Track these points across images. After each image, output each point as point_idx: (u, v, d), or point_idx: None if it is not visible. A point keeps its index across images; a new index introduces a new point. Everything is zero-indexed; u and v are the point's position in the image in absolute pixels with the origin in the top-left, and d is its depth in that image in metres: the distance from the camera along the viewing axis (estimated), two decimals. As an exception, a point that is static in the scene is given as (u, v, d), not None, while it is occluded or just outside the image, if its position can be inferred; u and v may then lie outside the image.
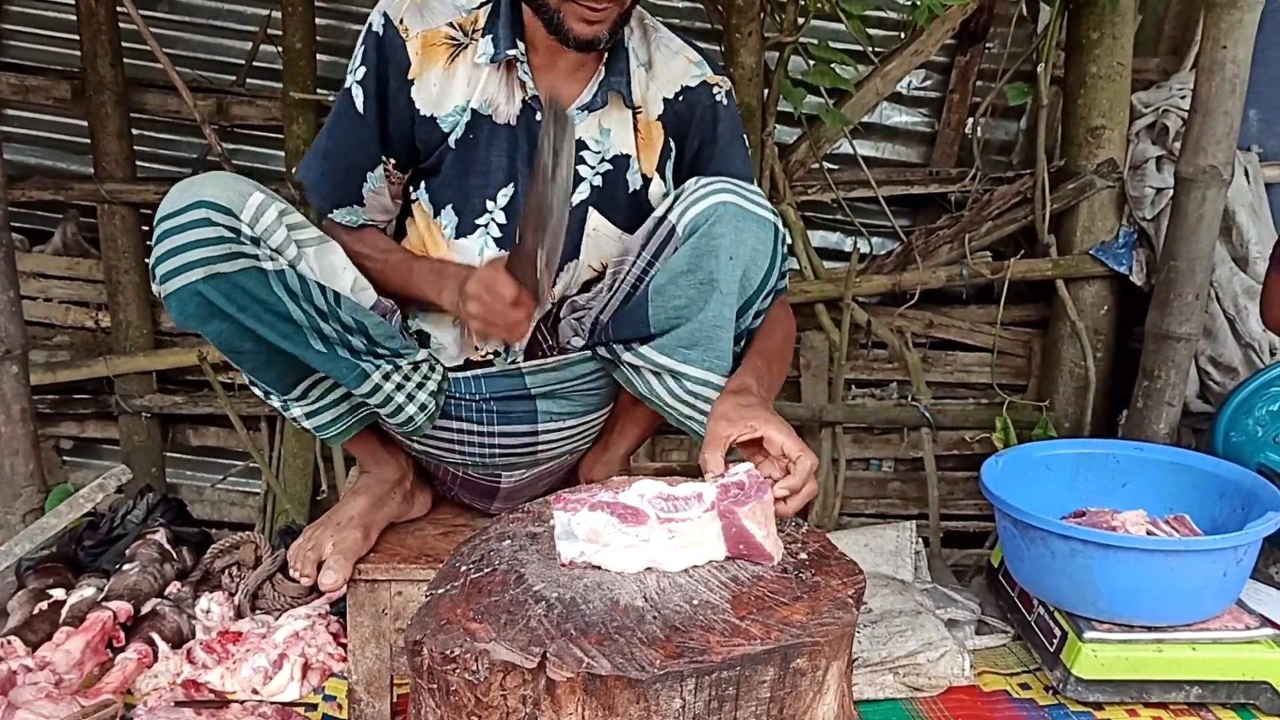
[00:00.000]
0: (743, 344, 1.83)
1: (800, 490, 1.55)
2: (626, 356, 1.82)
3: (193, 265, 1.61)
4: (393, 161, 1.90)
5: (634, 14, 1.88)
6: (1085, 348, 2.92)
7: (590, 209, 1.90)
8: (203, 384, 3.14)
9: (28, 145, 3.29)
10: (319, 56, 2.99)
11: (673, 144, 1.95)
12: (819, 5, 2.79)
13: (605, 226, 1.92)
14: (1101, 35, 2.81)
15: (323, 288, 1.73)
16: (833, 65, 2.85)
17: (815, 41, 2.87)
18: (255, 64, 3.10)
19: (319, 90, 2.97)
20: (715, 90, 1.95)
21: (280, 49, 2.96)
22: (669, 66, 1.94)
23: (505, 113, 1.86)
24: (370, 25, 1.84)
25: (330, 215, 1.93)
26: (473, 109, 1.85)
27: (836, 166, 3.14)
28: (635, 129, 1.91)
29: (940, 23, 2.85)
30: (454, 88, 1.85)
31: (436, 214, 1.90)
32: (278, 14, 2.94)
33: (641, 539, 1.39)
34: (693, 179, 1.80)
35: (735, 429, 1.60)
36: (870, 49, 2.95)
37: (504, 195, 1.88)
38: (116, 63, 2.94)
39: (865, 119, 3.09)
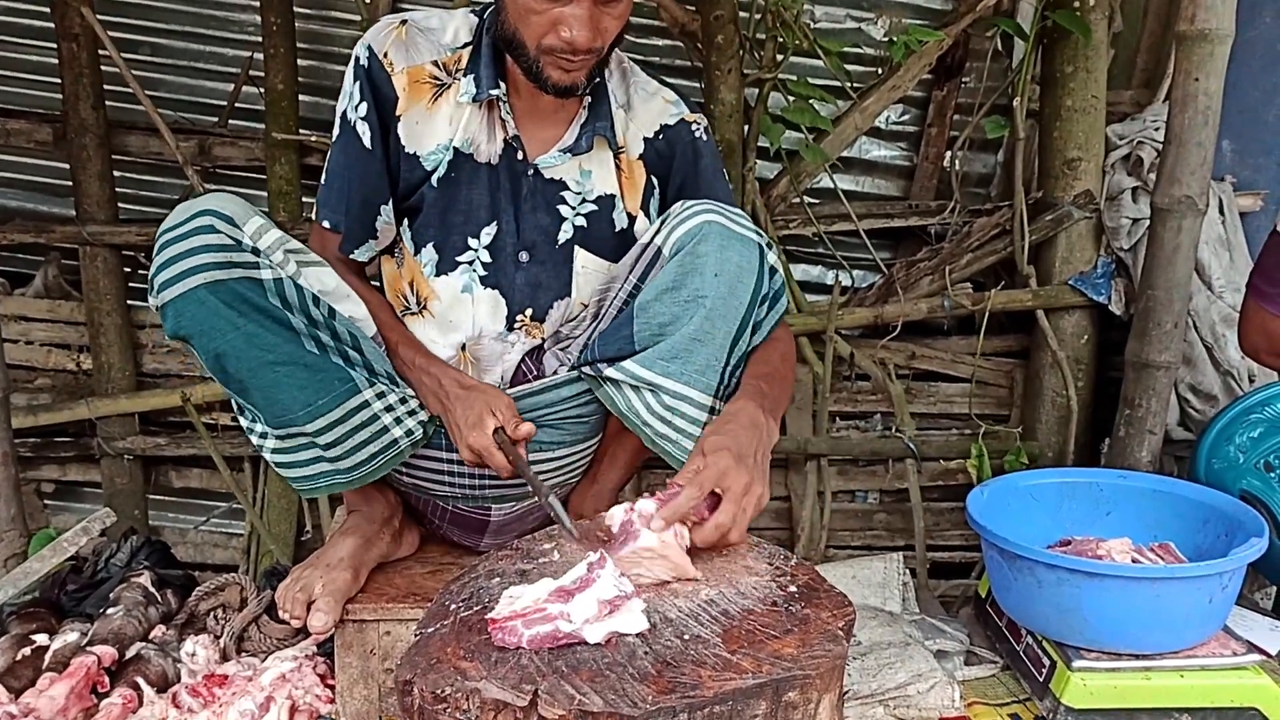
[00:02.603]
0: (742, 365, 1.84)
1: (728, 523, 1.55)
2: (609, 372, 1.83)
3: (193, 271, 1.62)
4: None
5: (612, 57, 1.91)
6: (1066, 377, 2.93)
7: (576, 247, 1.92)
8: (185, 425, 3.13)
9: (9, 188, 3.28)
10: (301, 97, 3.00)
11: (655, 181, 1.97)
12: (797, 42, 2.83)
13: (594, 262, 1.94)
14: (1075, 69, 2.85)
15: (318, 299, 1.75)
16: (812, 101, 2.88)
17: (794, 78, 2.90)
18: (237, 105, 3.11)
19: (301, 131, 2.98)
20: (694, 127, 1.98)
21: (262, 90, 2.97)
22: (647, 106, 1.96)
23: (486, 152, 1.88)
24: (357, 58, 1.85)
25: (352, 255, 1.94)
26: (455, 148, 1.86)
27: (817, 200, 3.16)
28: (618, 168, 1.93)
29: (917, 58, 2.90)
30: (436, 126, 1.87)
31: (417, 251, 1.91)
32: (260, 55, 2.96)
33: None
34: (678, 203, 1.83)
35: (696, 463, 1.59)
36: (849, 85, 2.98)
37: (487, 234, 1.89)
38: (98, 105, 2.94)
39: (845, 153, 3.12)
